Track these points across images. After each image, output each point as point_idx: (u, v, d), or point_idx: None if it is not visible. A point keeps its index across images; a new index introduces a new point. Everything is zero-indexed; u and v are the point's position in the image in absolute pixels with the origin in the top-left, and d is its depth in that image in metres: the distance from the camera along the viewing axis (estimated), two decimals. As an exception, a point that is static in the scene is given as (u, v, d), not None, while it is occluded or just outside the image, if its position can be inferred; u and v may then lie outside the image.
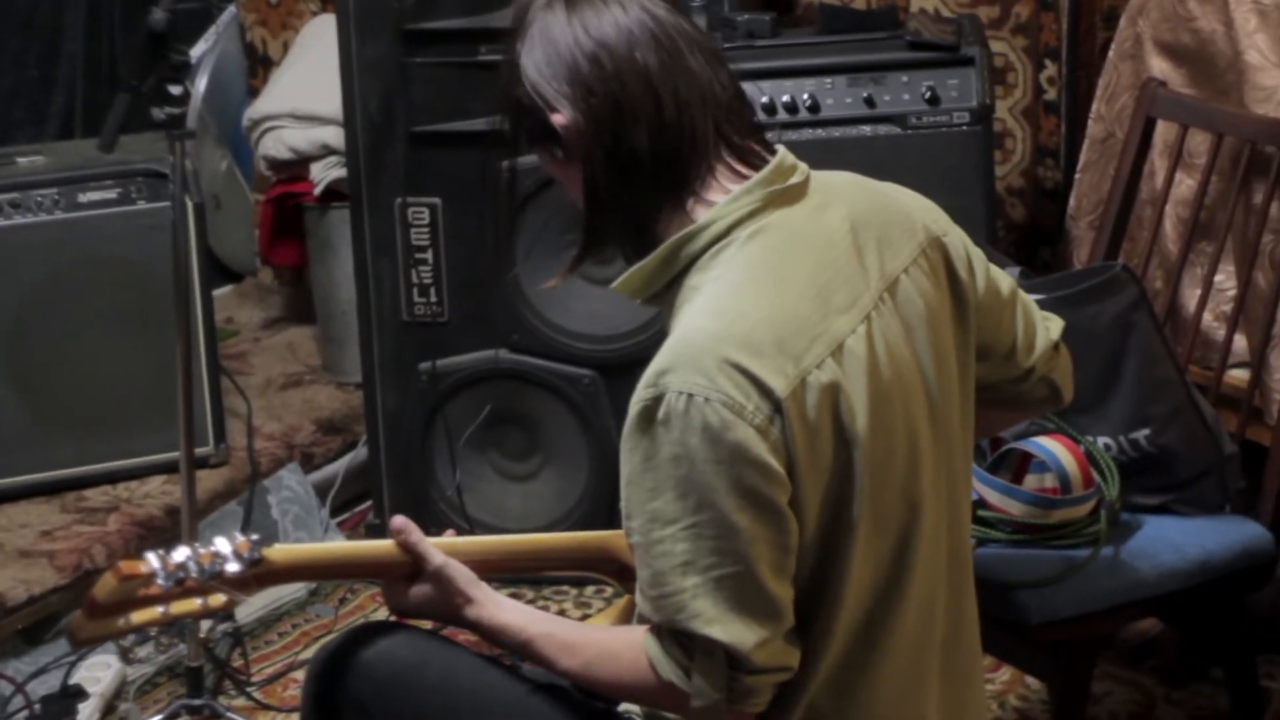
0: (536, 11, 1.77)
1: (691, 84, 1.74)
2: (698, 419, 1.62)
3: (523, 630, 1.80)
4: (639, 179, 1.73)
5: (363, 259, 3.22)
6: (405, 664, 1.86)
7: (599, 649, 1.77)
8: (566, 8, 1.75)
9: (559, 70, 1.73)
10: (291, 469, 3.42)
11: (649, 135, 1.72)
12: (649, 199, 1.74)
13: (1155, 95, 2.82)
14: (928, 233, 1.83)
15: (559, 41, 1.74)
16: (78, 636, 1.75)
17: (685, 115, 1.73)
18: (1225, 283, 2.87)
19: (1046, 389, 1.98)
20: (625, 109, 1.71)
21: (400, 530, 1.85)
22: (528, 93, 1.75)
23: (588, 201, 1.76)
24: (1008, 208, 3.47)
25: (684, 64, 1.74)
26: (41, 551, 3.01)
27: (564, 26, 1.74)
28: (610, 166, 1.73)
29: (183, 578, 1.73)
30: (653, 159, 1.72)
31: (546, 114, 1.74)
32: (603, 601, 3.17)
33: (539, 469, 3.26)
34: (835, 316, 1.70)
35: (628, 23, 1.73)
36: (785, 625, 1.68)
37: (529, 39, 1.76)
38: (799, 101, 2.91)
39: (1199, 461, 2.45)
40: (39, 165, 3.30)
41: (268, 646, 3.11)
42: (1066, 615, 2.28)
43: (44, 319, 3.18)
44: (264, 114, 3.79)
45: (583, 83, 1.72)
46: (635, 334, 3.08)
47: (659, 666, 1.69)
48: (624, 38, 1.73)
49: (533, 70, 1.75)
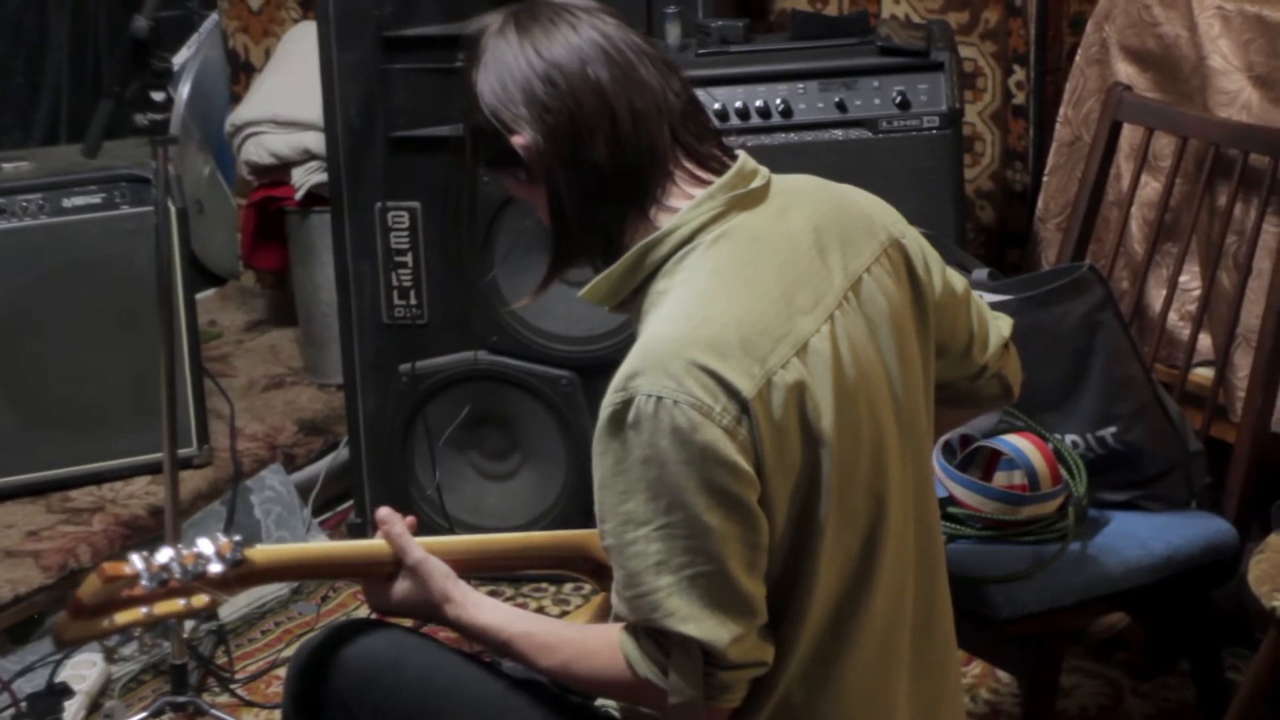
0: (489, 37, 1.78)
1: (645, 95, 1.75)
2: (667, 421, 1.63)
3: (501, 630, 1.81)
4: (601, 192, 1.74)
5: (343, 262, 3.22)
6: (385, 660, 1.87)
7: (577, 648, 1.78)
8: (518, 31, 1.77)
9: (514, 93, 1.75)
10: (274, 469, 3.42)
11: (608, 148, 1.73)
12: (613, 210, 1.75)
13: (1121, 99, 2.83)
14: (888, 233, 1.84)
15: (512, 65, 1.75)
16: (63, 637, 1.75)
17: (641, 126, 1.74)
18: (1190, 283, 2.88)
19: (998, 386, 2.01)
20: (582, 125, 1.73)
21: (384, 521, 1.86)
22: (486, 118, 1.76)
23: (554, 219, 1.78)
24: (977, 210, 3.46)
25: (636, 76, 1.75)
26: (27, 551, 3.02)
27: (516, 50, 1.75)
28: (573, 182, 1.74)
29: (166, 579, 1.74)
30: (613, 171, 1.73)
31: (506, 137, 1.75)
32: (580, 599, 3.18)
33: (518, 468, 3.27)
34: (799, 317, 1.72)
35: (578, 41, 1.75)
36: (759, 621, 1.70)
37: (483, 65, 1.77)
38: (772, 106, 2.90)
39: (1165, 458, 2.46)
40: (24, 170, 3.30)
41: (251, 644, 3.11)
42: (1036, 609, 2.29)
43: (29, 322, 3.18)
44: (246, 119, 3.78)
45: (538, 103, 1.73)
46: (612, 335, 3.08)
47: (636, 664, 1.70)
48: (575, 55, 1.74)
49: (489, 95, 1.76)
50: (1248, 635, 2.74)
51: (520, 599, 3.22)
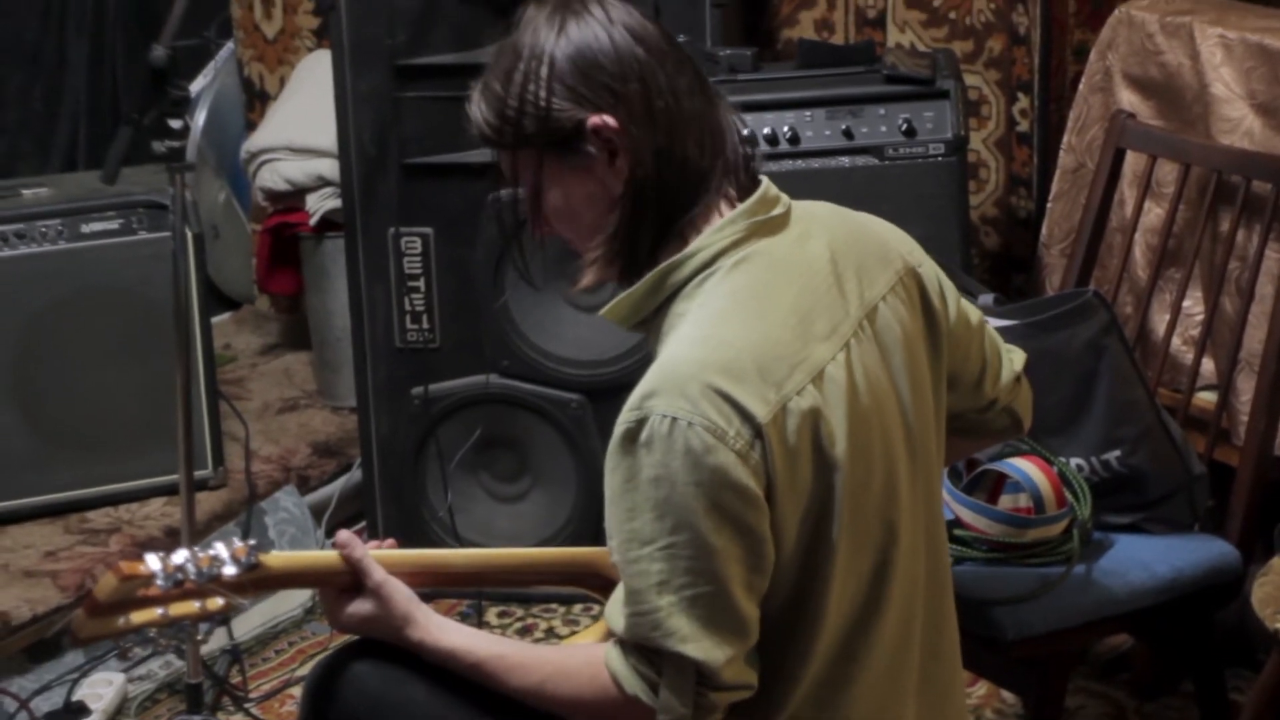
0: (568, 17, 1.75)
1: (722, 119, 1.78)
2: (680, 442, 1.64)
3: (470, 652, 1.80)
4: (682, 186, 1.75)
5: (357, 287, 3.24)
6: (398, 677, 1.86)
7: (554, 667, 1.78)
8: (601, 21, 1.75)
9: (603, 73, 1.73)
10: (288, 491, 3.43)
11: (697, 148, 1.74)
12: (667, 215, 1.75)
13: (1124, 127, 2.84)
14: (904, 262, 1.85)
15: (598, 43, 1.74)
16: (78, 635, 1.74)
17: (717, 136, 1.77)
18: (1193, 308, 2.89)
19: (1008, 419, 2.02)
20: (677, 121, 1.74)
21: (344, 545, 1.85)
22: (572, 88, 1.73)
23: (633, 201, 1.75)
24: (982, 236, 3.46)
25: (709, 89, 1.78)
26: (45, 571, 3.03)
27: (603, 29, 1.74)
28: (660, 168, 1.73)
29: (181, 579, 1.73)
30: (696, 169, 1.74)
31: (585, 116, 1.73)
32: (590, 619, 3.19)
33: (528, 490, 3.28)
34: (816, 344, 1.73)
35: (667, 48, 1.76)
36: (751, 643, 1.71)
37: (559, 41, 1.74)
38: (779, 134, 2.92)
39: (1168, 482, 2.47)
40: (43, 197, 3.31)
41: (265, 663, 3.12)
42: (1041, 631, 2.29)
43: (48, 345, 3.19)
44: (261, 147, 3.79)
45: (638, 92, 1.73)
46: (621, 359, 3.10)
47: (624, 682, 1.70)
48: (669, 57, 1.76)
49: (569, 75, 1.73)
50: (1251, 657, 2.74)
51: (530, 618, 3.24)
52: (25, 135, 4.01)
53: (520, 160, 1.79)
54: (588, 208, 1.78)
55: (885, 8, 3.50)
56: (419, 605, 1.84)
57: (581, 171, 1.76)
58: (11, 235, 3.19)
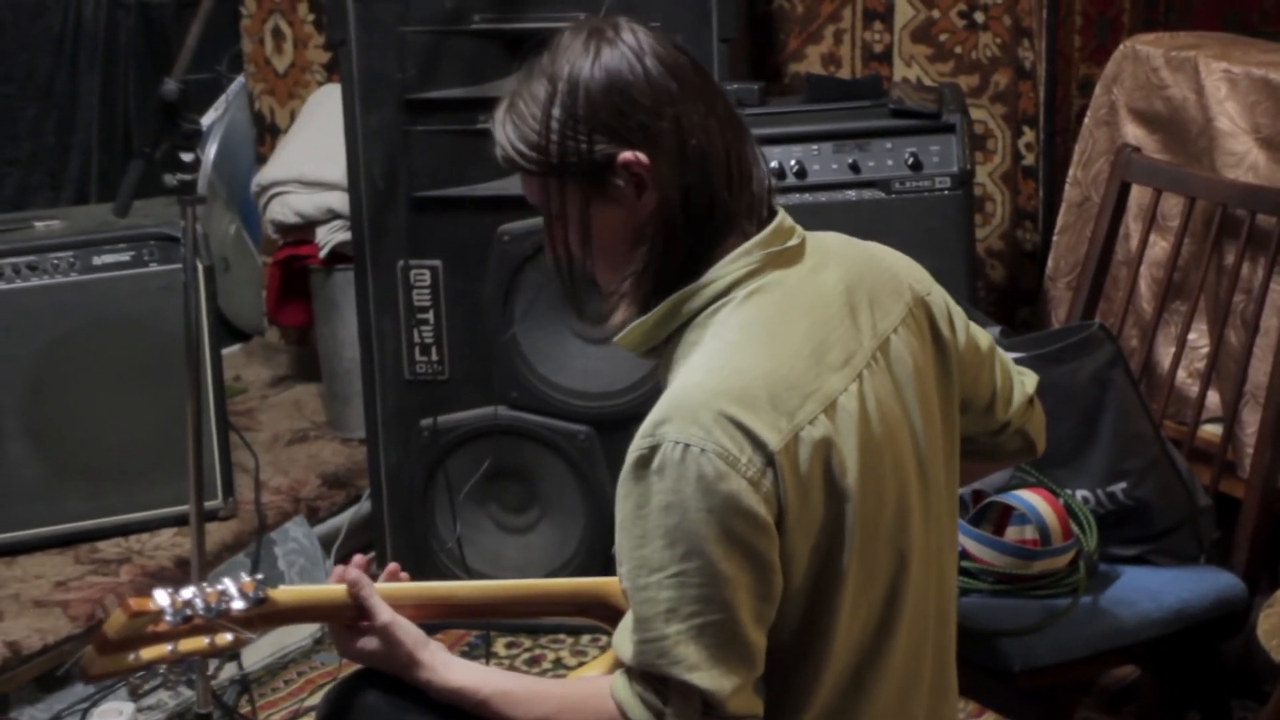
0: (578, 55, 1.74)
1: (749, 152, 1.78)
2: (693, 469, 1.65)
3: (477, 690, 1.80)
4: (708, 222, 1.75)
5: (366, 319, 3.25)
6: (408, 706, 1.85)
7: (560, 700, 1.78)
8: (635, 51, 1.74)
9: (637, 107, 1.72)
10: (297, 522, 3.44)
11: (724, 183, 1.74)
12: (706, 245, 1.76)
13: (1129, 160, 2.84)
14: (913, 292, 1.86)
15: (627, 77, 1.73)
16: (89, 672, 1.75)
17: (745, 170, 1.77)
18: (1198, 341, 2.89)
19: (1021, 441, 2.02)
20: (708, 158, 1.74)
21: (353, 583, 1.85)
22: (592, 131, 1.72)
23: (659, 237, 1.75)
24: (988, 269, 3.47)
25: (737, 119, 1.78)
26: (56, 601, 3.04)
27: (632, 62, 1.73)
28: (686, 205, 1.74)
29: (190, 615, 1.74)
30: (723, 205, 1.75)
31: (619, 152, 1.72)
32: (598, 650, 3.20)
33: (536, 521, 3.29)
34: (829, 374, 1.73)
35: (698, 80, 1.76)
36: (757, 673, 1.71)
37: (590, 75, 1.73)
38: (786, 167, 2.93)
39: (1174, 513, 2.48)
40: (55, 229, 3.32)
41: (274, 693, 3.12)
42: (1048, 662, 2.30)
43: (59, 376, 3.20)
44: (271, 180, 3.81)
45: (670, 129, 1.72)
46: (629, 391, 3.11)
47: (630, 710, 1.70)
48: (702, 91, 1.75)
49: (603, 110, 1.72)
50: (1256, 688, 2.74)
51: (539, 649, 3.24)
52: (38, 168, 4.02)
53: (546, 187, 1.78)
54: (611, 239, 1.77)
55: (892, 42, 3.51)
56: (425, 645, 1.84)
57: (609, 203, 1.75)
58: (24, 267, 3.21)
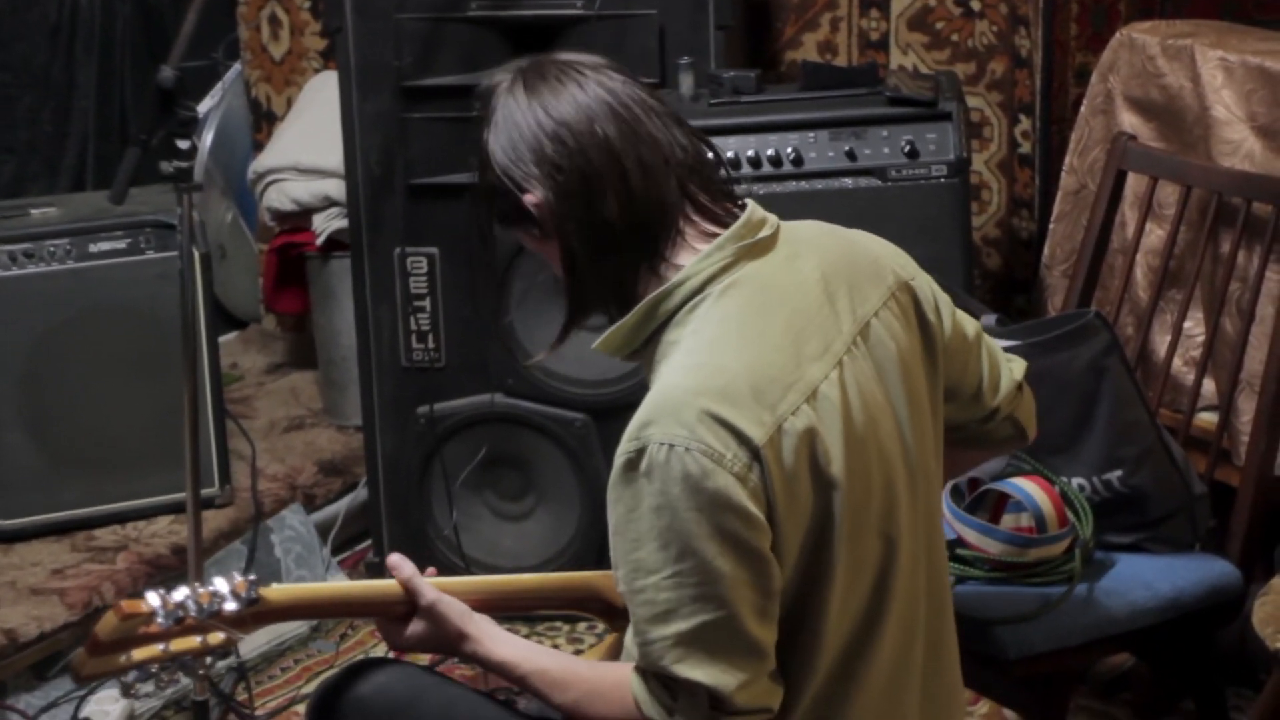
0: (499, 98, 1.80)
1: (653, 150, 1.77)
2: (678, 468, 1.65)
3: (518, 665, 1.83)
4: (613, 246, 1.76)
5: (363, 307, 3.26)
6: (402, 699, 1.89)
7: (588, 686, 1.79)
8: (526, 90, 1.78)
9: (524, 152, 1.77)
10: (294, 509, 3.45)
11: (618, 203, 1.75)
12: (626, 263, 1.77)
13: (1126, 149, 2.85)
14: (896, 277, 1.86)
15: (521, 125, 1.77)
16: (81, 673, 1.75)
17: (650, 180, 1.76)
18: (1194, 329, 2.90)
19: (1011, 428, 2.02)
20: (593, 181, 1.75)
21: (396, 566, 1.87)
22: (498, 176, 1.78)
23: (568, 273, 1.79)
24: (984, 257, 3.47)
25: (644, 131, 1.77)
26: (52, 589, 3.03)
27: (525, 109, 1.77)
28: (585, 237, 1.76)
29: (182, 616, 1.75)
30: (625, 226, 1.75)
31: (518, 195, 1.77)
32: (594, 638, 3.19)
33: (533, 509, 3.29)
34: (809, 364, 1.74)
35: (585, 98, 1.76)
36: (768, 666, 1.71)
37: (494, 125, 1.79)
38: (783, 155, 2.93)
39: (1170, 501, 2.49)
40: (51, 216, 3.32)
41: (270, 681, 3.13)
42: (1043, 650, 2.31)
43: (56, 364, 3.20)
44: (268, 167, 3.81)
45: (549, 161, 1.75)
46: (625, 379, 3.10)
47: (644, 706, 1.72)
48: (583, 113, 1.76)
49: (500, 154, 1.78)
50: (1251, 676, 2.75)
51: (535, 637, 3.24)
52: (34, 156, 4.01)
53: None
54: (558, 269, 1.82)
55: (888, 30, 3.52)
56: (472, 618, 1.86)
57: (534, 238, 1.82)
58: (20, 254, 3.20)
